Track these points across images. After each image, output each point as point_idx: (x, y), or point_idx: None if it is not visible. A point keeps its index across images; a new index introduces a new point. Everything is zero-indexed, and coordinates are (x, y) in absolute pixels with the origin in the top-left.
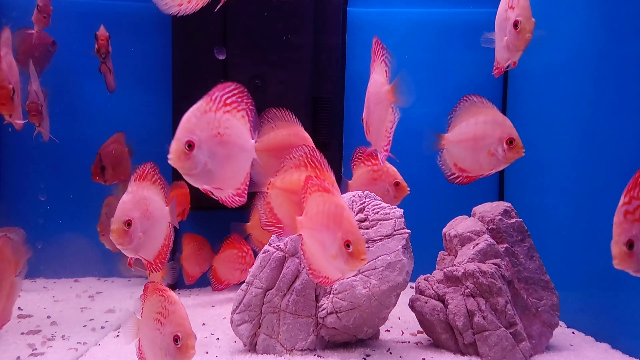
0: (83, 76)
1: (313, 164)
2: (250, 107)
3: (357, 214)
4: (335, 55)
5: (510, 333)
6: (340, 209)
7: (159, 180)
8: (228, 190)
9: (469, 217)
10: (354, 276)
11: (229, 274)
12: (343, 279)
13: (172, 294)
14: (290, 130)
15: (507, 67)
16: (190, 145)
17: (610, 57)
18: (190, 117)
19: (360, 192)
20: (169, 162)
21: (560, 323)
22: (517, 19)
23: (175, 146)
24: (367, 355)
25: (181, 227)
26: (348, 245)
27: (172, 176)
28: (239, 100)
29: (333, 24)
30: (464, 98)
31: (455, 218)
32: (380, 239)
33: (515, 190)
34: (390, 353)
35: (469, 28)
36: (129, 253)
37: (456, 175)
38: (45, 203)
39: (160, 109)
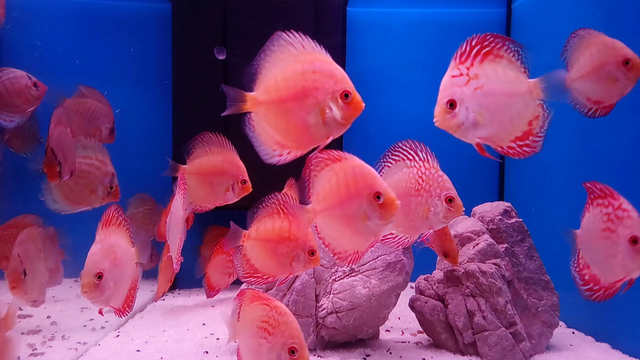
0: (83, 76)
1: (286, 211)
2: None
3: None
4: (335, 55)
5: (510, 333)
6: (359, 169)
7: (123, 222)
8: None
9: (469, 217)
10: (353, 276)
11: (219, 279)
12: (377, 240)
13: (280, 304)
14: (224, 157)
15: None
16: None
17: None
18: None
19: None
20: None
21: (560, 323)
22: None
23: None
24: (367, 355)
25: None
26: (378, 197)
27: (172, 179)
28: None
29: (333, 24)
30: (572, 35)
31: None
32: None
33: (515, 190)
34: (390, 353)
35: (469, 28)
36: (99, 305)
37: (594, 108)
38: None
39: (160, 109)
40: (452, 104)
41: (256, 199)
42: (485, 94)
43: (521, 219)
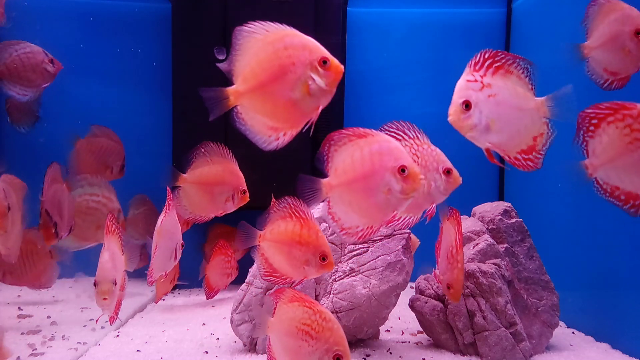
0: (84, 76)
1: (298, 215)
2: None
3: None
4: (335, 55)
5: (510, 333)
6: (385, 142)
7: (117, 230)
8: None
9: (469, 217)
10: (353, 276)
11: (218, 280)
12: (394, 217)
13: (324, 309)
14: (225, 167)
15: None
16: None
17: None
18: None
19: None
20: None
21: (560, 323)
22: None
23: None
24: (367, 355)
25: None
26: (403, 171)
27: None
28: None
29: (333, 24)
30: (591, 3)
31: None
32: (380, 239)
33: (515, 190)
34: (390, 353)
35: (469, 28)
36: (108, 311)
37: (610, 80)
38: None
39: (160, 109)
40: (467, 105)
41: (256, 199)
42: (498, 102)
43: (521, 219)
